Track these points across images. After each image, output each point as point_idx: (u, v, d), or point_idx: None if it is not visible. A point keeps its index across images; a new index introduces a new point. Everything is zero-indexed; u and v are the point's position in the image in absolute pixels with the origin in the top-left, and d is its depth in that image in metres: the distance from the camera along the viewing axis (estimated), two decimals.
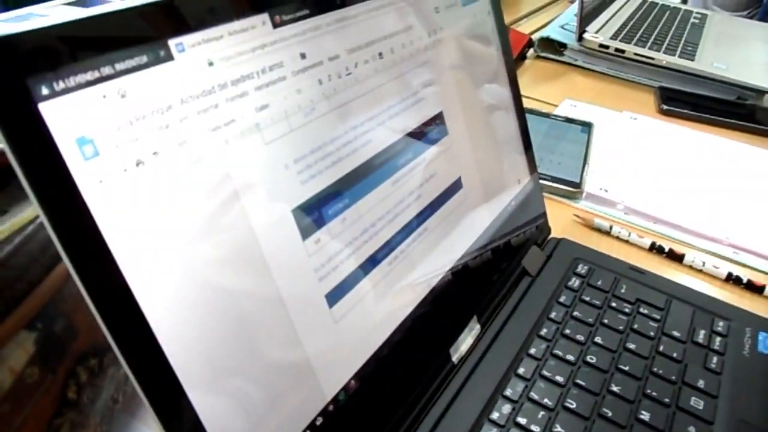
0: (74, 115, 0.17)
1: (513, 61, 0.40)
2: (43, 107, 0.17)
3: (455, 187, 0.34)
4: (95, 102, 0.18)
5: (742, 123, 0.71)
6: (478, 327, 0.36)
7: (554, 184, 0.53)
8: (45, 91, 0.17)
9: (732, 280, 0.45)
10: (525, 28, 0.99)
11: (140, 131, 0.19)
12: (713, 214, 0.52)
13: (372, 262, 0.28)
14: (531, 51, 0.87)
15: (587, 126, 0.64)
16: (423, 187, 0.31)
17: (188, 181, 0.20)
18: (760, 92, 0.76)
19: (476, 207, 0.36)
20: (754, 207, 0.54)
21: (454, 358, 0.34)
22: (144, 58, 0.19)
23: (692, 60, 0.80)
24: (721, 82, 0.76)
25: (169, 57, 0.20)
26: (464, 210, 0.35)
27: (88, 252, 0.17)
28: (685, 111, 0.73)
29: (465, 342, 0.35)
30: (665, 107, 0.73)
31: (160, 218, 0.19)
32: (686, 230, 0.50)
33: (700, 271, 0.46)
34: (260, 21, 0.23)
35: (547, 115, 0.66)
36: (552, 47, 0.86)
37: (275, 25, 0.23)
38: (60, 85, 0.17)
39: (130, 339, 0.18)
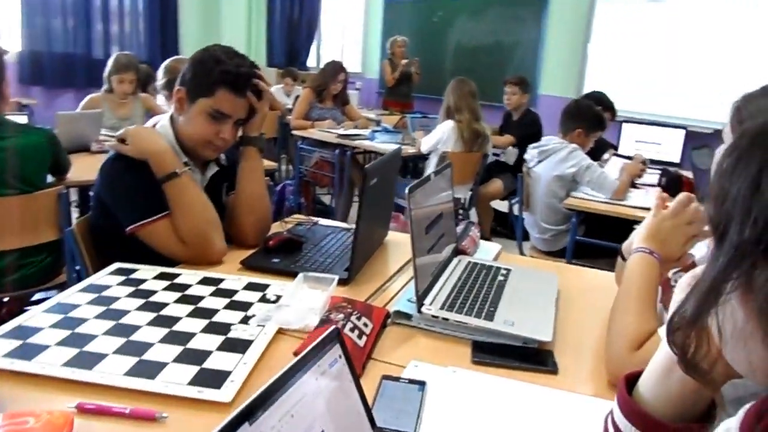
0: None
1: (359, 382, 0.76)
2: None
3: None
4: None
5: (526, 365, 1.12)
6: None
7: None
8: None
9: None
10: (385, 296, 1.41)
11: None
12: None
13: None
14: (390, 320, 1.27)
15: (422, 384, 1.01)
16: None
17: None
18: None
19: None
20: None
21: None
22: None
23: (491, 321, 1.22)
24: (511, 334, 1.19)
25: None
26: None
27: None
28: (488, 360, 1.13)
29: None
30: (475, 359, 1.13)
31: None
32: None
33: None
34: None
35: (397, 379, 1.03)
36: (403, 315, 1.27)
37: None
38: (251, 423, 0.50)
39: None
